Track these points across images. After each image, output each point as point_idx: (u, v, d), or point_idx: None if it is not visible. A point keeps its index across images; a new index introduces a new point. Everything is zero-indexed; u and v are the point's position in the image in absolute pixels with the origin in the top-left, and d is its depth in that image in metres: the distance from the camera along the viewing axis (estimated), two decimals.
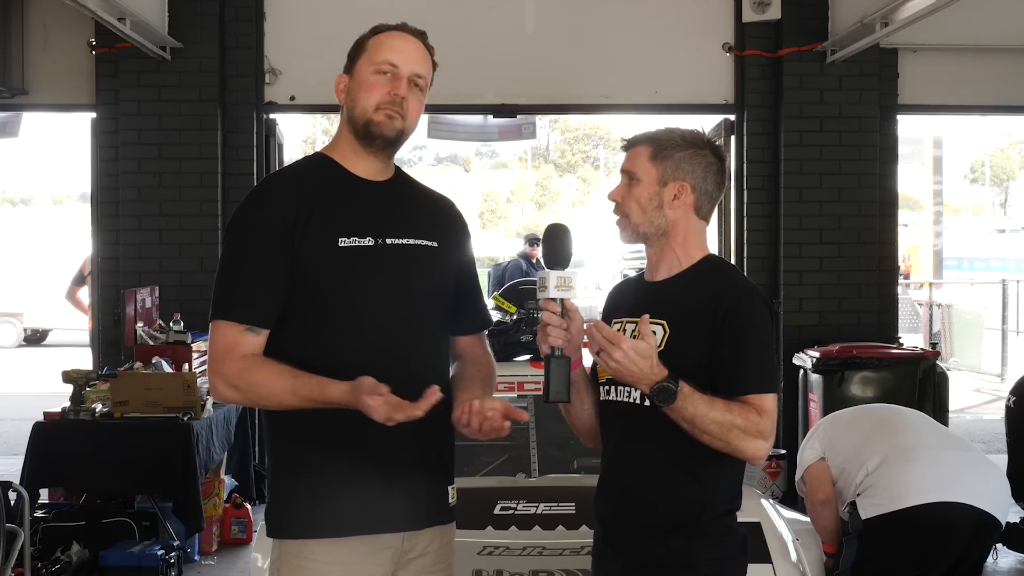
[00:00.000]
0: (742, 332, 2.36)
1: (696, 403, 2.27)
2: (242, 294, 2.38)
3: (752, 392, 2.34)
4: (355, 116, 2.47)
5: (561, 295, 2.36)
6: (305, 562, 2.39)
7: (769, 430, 2.33)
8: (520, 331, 4.97)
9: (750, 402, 2.33)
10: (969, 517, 3.92)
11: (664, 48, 7.78)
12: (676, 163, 2.48)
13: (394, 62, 2.46)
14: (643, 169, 2.48)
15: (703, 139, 2.52)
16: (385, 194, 2.51)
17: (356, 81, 2.48)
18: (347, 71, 2.52)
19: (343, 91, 2.51)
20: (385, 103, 2.44)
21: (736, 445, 2.30)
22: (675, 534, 2.40)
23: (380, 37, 2.50)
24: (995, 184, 59.81)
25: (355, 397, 2.23)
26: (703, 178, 2.49)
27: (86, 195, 9.36)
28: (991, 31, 7.56)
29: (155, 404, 5.82)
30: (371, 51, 2.48)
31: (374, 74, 2.46)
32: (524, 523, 3.62)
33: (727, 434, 2.29)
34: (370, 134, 2.46)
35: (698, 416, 2.28)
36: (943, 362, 7.67)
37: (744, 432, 2.29)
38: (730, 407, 2.30)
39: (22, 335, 20.65)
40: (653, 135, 2.53)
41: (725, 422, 2.28)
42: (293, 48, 7.62)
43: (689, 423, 2.29)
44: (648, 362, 2.26)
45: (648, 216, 2.48)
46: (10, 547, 4.82)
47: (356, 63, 2.50)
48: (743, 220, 7.71)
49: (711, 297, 2.41)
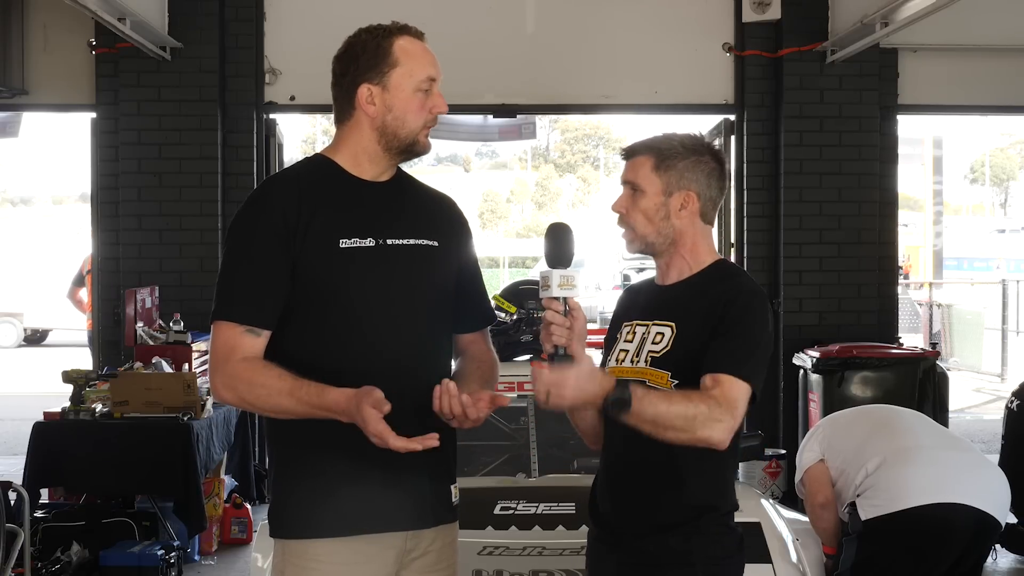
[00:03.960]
0: (732, 323, 2.36)
1: (654, 403, 2.26)
2: (244, 295, 2.37)
3: (723, 372, 2.32)
4: (400, 135, 2.44)
5: (564, 294, 2.36)
6: (308, 562, 2.38)
7: (729, 413, 2.28)
8: (520, 331, 4.97)
9: (717, 381, 2.30)
10: (969, 518, 3.91)
11: (664, 48, 7.78)
12: (680, 172, 2.47)
13: (434, 77, 2.45)
14: (647, 180, 2.48)
15: (703, 144, 2.52)
16: (386, 194, 2.50)
17: (396, 98, 2.42)
18: (372, 81, 2.43)
19: (373, 103, 2.43)
20: (429, 122, 2.46)
21: (700, 434, 2.27)
22: (673, 533, 2.40)
23: (406, 46, 2.44)
24: (995, 184, 59.81)
25: (356, 402, 2.23)
26: (707, 185, 2.49)
27: (86, 195, 9.36)
28: (991, 31, 7.56)
29: (155, 404, 5.82)
30: (408, 65, 2.43)
31: (416, 92, 2.43)
32: (524, 523, 3.62)
33: (691, 424, 2.26)
34: (412, 152, 2.48)
35: (659, 415, 2.25)
36: (943, 362, 7.67)
37: (708, 419, 2.26)
38: (689, 396, 2.29)
39: (22, 335, 20.66)
40: (653, 144, 2.51)
41: (687, 414, 2.26)
42: (293, 48, 7.62)
43: (652, 424, 2.26)
44: (594, 382, 2.25)
45: (656, 227, 2.48)
46: (10, 547, 4.82)
47: (388, 75, 2.42)
48: (743, 220, 7.71)
49: (717, 297, 2.41)
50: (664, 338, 2.42)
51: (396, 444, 2.22)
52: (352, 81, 2.45)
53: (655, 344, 2.43)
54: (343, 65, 2.48)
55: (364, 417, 2.21)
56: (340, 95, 2.49)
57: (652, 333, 2.46)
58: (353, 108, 2.46)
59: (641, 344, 2.46)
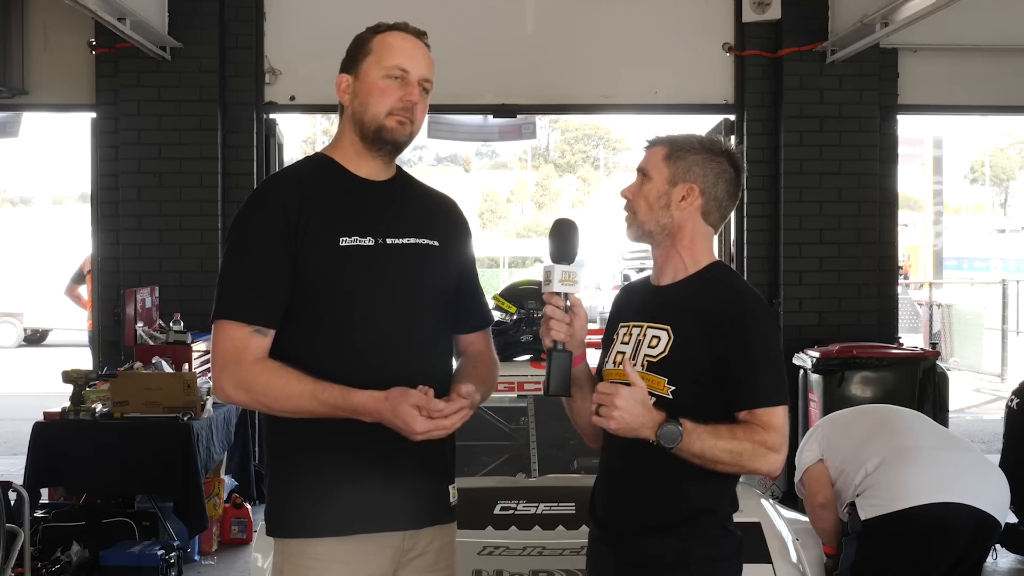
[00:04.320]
0: (748, 345, 2.36)
1: (702, 437, 2.29)
2: (248, 294, 2.37)
3: (760, 406, 2.34)
4: (365, 121, 2.45)
5: (565, 289, 2.36)
6: (308, 560, 2.38)
7: (779, 443, 2.33)
8: (520, 331, 4.97)
9: (757, 417, 2.33)
10: (968, 517, 3.91)
11: (664, 48, 7.78)
12: (688, 165, 2.48)
13: (405, 67, 2.44)
14: (656, 168, 2.49)
15: (721, 147, 2.52)
16: (386, 194, 2.50)
17: (364, 84, 2.45)
18: (349, 71, 2.48)
19: (347, 92, 2.48)
20: (397, 109, 2.44)
21: (750, 467, 2.32)
22: (670, 533, 2.40)
23: (386, 38, 2.47)
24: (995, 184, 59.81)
25: (391, 403, 2.24)
26: (714, 183, 2.49)
27: (86, 195, 9.36)
28: (991, 31, 7.56)
29: (155, 404, 5.82)
30: (379, 53, 2.45)
31: (384, 79, 2.44)
32: (524, 523, 3.62)
33: (739, 459, 2.31)
34: (381, 139, 2.46)
35: (707, 449, 2.29)
36: (943, 362, 7.67)
37: (754, 454, 2.31)
38: (734, 432, 2.31)
39: (22, 335, 20.67)
40: (673, 137, 2.54)
41: (734, 450, 2.30)
42: (293, 48, 7.62)
43: (700, 458, 2.30)
44: (645, 407, 2.28)
45: (655, 214, 2.48)
46: (10, 547, 4.82)
47: (361, 64, 2.46)
48: (743, 220, 7.71)
49: (716, 306, 2.40)
50: (660, 342, 2.41)
51: (437, 433, 2.28)
52: (339, 74, 2.50)
53: (651, 348, 2.43)
54: (342, 62, 2.52)
55: (408, 418, 2.23)
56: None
57: (648, 336, 2.45)
58: (340, 102, 2.51)
59: (637, 347, 2.46)
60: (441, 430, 2.27)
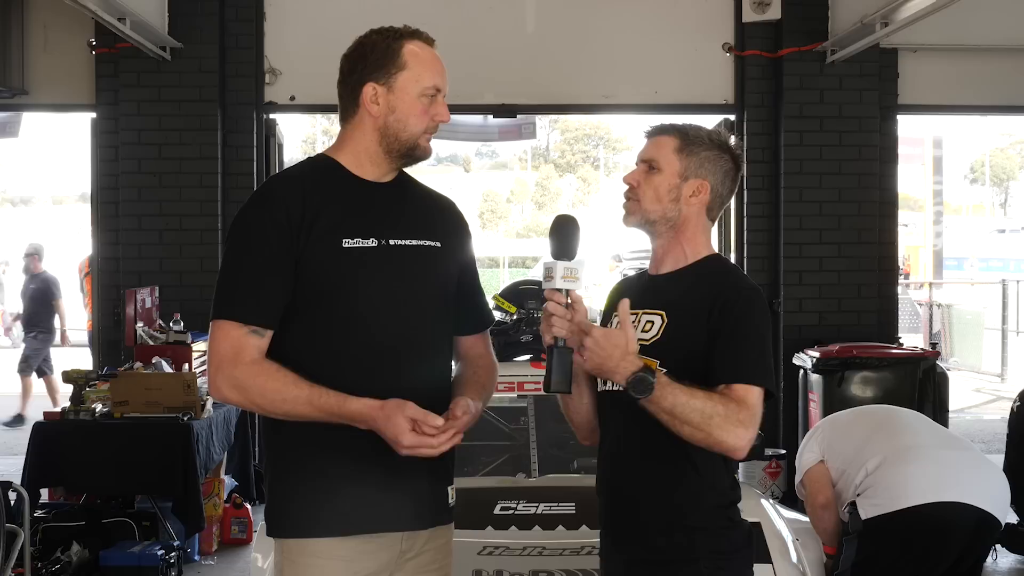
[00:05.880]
0: (736, 325, 2.37)
1: (675, 392, 2.27)
2: (247, 294, 2.37)
3: (737, 381, 2.33)
4: (401, 138, 2.45)
5: (567, 286, 2.36)
6: (307, 559, 2.39)
7: (749, 420, 2.31)
8: (520, 331, 4.97)
9: (733, 391, 2.32)
10: (969, 517, 3.91)
11: (664, 48, 7.78)
12: (701, 161, 2.49)
13: (440, 87, 2.46)
14: (667, 159, 2.49)
15: (726, 143, 2.53)
16: (388, 195, 2.50)
17: (403, 102, 2.43)
18: (377, 80, 2.43)
19: (376, 102, 2.43)
20: (431, 128, 2.46)
21: (717, 436, 2.28)
22: (676, 527, 2.40)
23: (414, 50, 2.45)
24: (995, 184, 59.77)
25: (386, 412, 2.25)
26: (721, 181, 2.51)
27: (86, 195, 9.38)
28: (991, 31, 7.56)
29: (155, 404, 5.82)
30: (416, 70, 2.43)
31: (421, 97, 2.44)
32: (524, 523, 3.62)
33: (708, 423, 2.27)
34: (412, 156, 2.48)
35: (677, 405, 2.27)
36: (943, 362, 7.67)
37: (725, 421, 2.27)
38: (710, 395, 2.29)
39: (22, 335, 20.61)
40: (681, 127, 2.53)
41: (705, 411, 2.27)
42: (293, 48, 7.62)
43: (668, 414, 2.28)
44: (619, 349, 2.27)
45: (663, 206, 2.49)
46: (10, 547, 4.82)
47: (395, 77, 2.42)
48: (743, 220, 7.72)
49: (711, 292, 2.41)
50: (654, 326, 2.43)
51: (425, 451, 2.29)
52: (358, 80, 2.45)
53: (644, 332, 2.44)
54: (351, 63, 2.47)
55: (397, 429, 2.24)
56: (346, 93, 2.49)
57: (642, 321, 2.46)
58: (357, 107, 2.46)
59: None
60: (428, 449, 2.27)
